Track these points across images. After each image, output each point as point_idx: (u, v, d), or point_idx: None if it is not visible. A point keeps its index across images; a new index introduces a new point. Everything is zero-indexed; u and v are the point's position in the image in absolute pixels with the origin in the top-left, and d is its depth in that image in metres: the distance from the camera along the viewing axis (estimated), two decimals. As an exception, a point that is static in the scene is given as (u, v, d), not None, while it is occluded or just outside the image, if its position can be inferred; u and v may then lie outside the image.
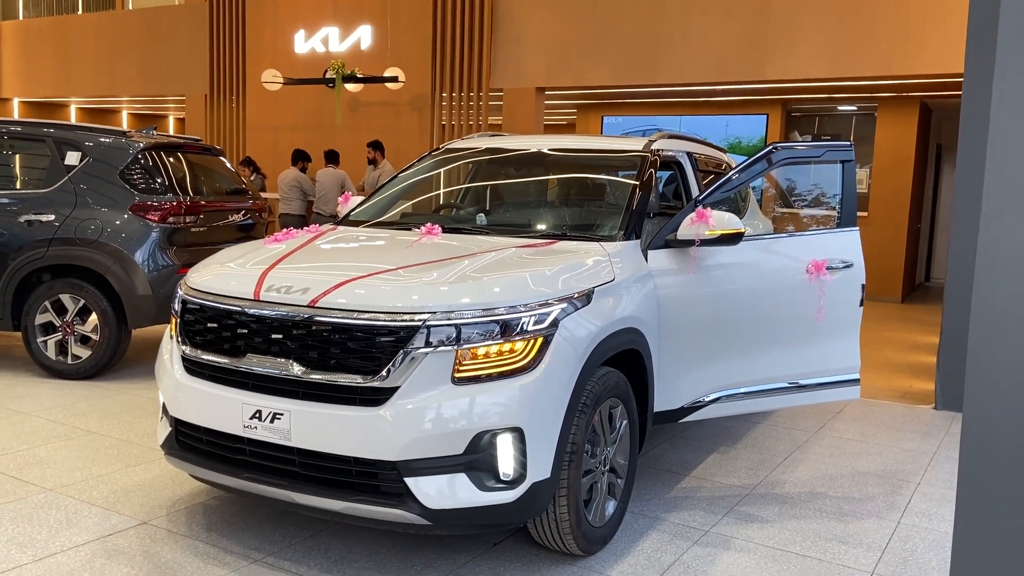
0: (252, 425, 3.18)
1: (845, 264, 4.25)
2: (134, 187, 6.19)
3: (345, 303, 3.13)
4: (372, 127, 12.92)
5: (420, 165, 4.98)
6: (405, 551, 3.52)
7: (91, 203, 6.15)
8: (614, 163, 4.72)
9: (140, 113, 21.56)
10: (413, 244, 3.82)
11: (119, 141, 6.34)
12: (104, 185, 6.20)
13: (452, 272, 3.30)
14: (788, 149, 4.30)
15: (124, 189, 6.17)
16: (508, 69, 11.97)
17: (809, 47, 9.90)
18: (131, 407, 5.48)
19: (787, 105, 12.98)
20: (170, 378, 3.50)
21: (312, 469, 3.16)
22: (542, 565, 3.45)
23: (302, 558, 3.45)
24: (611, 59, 11.12)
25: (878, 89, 11.48)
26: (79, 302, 6.11)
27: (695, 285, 4.08)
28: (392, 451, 3.00)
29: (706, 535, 3.81)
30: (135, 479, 4.25)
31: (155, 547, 3.50)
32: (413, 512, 3.02)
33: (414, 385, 3.01)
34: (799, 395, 4.32)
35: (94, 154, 6.27)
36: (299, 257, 3.67)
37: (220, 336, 3.36)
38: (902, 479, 4.68)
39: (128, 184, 6.19)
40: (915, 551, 3.75)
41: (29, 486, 4.10)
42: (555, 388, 3.15)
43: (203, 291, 3.46)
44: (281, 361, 3.18)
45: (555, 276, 3.36)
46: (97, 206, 6.14)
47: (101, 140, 6.34)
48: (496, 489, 3.06)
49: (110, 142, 6.33)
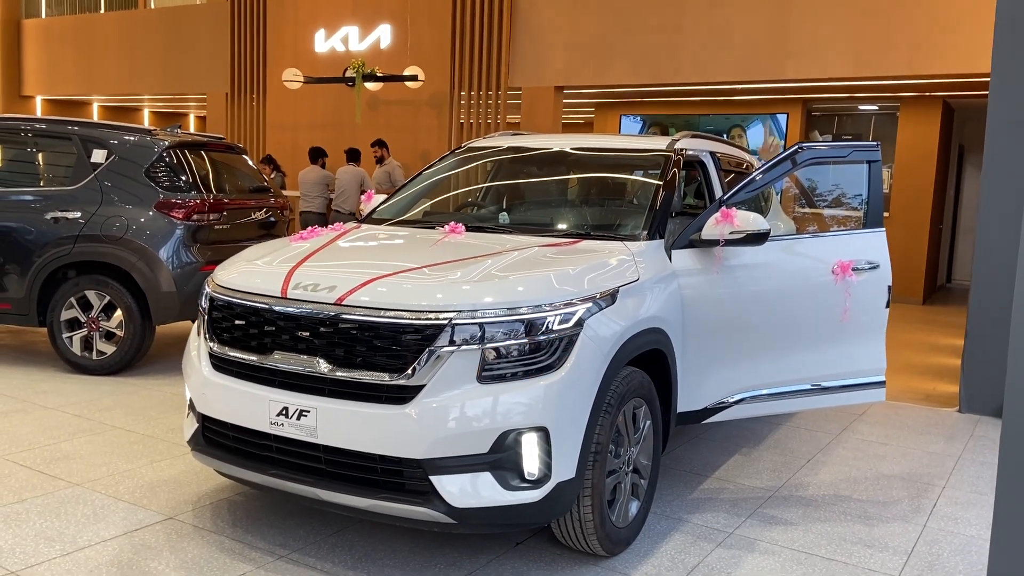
0: (279, 422, 3.20)
1: (871, 265, 4.22)
2: (159, 185, 6.24)
3: (371, 301, 3.14)
4: (391, 126, 12.97)
5: (442, 164, 4.99)
6: (428, 549, 3.53)
7: (117, 200, 6.20)
8: (637, 162, 4.71)
9: (161, 111, 21.73)
10: (437, 243, 3.83)
11: (144, 139, 6.39)
12: (130, 183, 6.25)
13: (477, 271, 3.31)
14: (814, 149, 4.27)
15: (149, 187, 6.22)
16: (527, 68, 11.97)
17: (832, 46, 9.84)
18: (156, 403, 5.53)
19: (808, 104, 12.90)
20: (197, 375, 3.52)
21: (337, 466, 3.17)
22: (565, 565, 3.45)
23: (326, 555, 3.47)
24: (630, 58, 11.09)
25: (900, 89, 11.39)
26: (104, 298, 6.16)
27: (719, 285, 4.06)
28: (418, 449, 3.01)
29: (729, 537, 3.80)
30: (161, 475, 4.28)
31: (181, 542, 3.53)
32: (438, 510, 3.02)
33: (440, 384, 3.02)
34: (824, 397, 4.29)
35: (120, 152, 6.32)
36: (325, 255, 3.69)
37: (247, 333, 3.38)
38: (927, 482, 4.64)
39: (153, 182, 6.24)
40: (941, 555, 3.72)
41: (56, 481, 4.15)
42: (580, 388, 3.15)
43: (231, 288, 3.48)
44: (307, 358, 3.20)
45: (580, 275, 3.36)
46: (123, 203, 6.19)
47: (127, 138, 6.39)
48: (521, 488, 3.06)
49: (136, 140, 6.38)
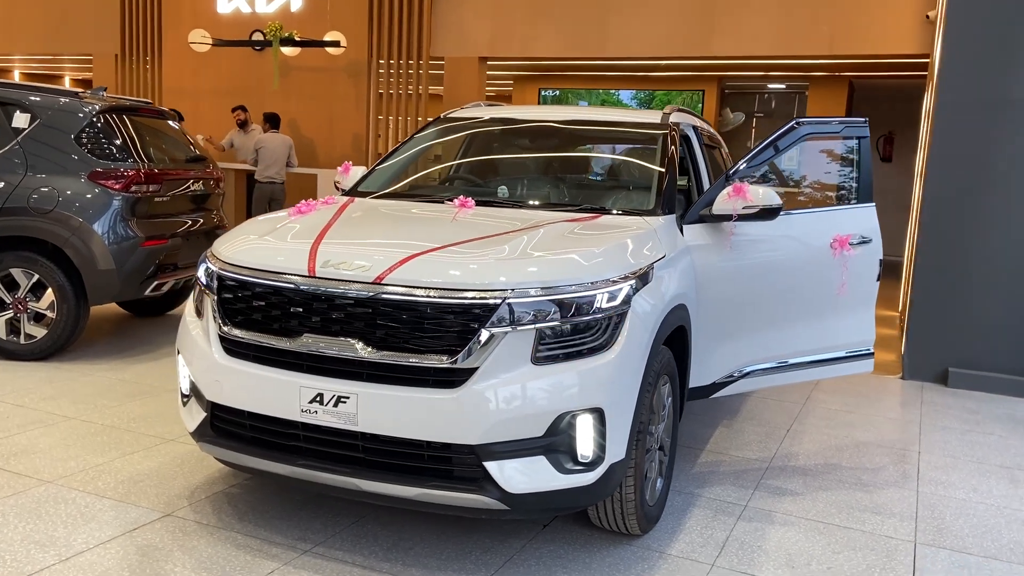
0: (312, 409, 2.98)
1: (864, 239, 4.31)
2: (92, 153, 5.74)
3: (414, 280, 2.96)
4: (304, 93, 12.43)
5: (423, 134, 4.78)
6: (457, 536, 3.40)
7: (44, 170, 5.68)
8: (635, 137, 4.65)
9: (34, 73, 20.15)
10: (455, 217, 3.65)
11: (73, 103, 5.86)
12: (57, 150, 5.72)
13: (519, 247, 3.17)
14: (811, 124, 4.32)
15: (81, 155, 5.72)
16: (450, 37, 11.68)
17: (757, 25, 10.03)
18: (102, 390, 5.11)
19: (722, 82, 13.19)
20: (206, 360, 3.23)
21: (378, 454, 2.99)
22: (600, 546, 3.39)
23: (353, 547, 3.28)
24: (558, 29, 10.98)
25: (814, 68, 11.78)
26: (32, 277, 5.63)
27: (728, 259, 4.06)
28: (472, 435, 2.86)
29: (745, 510, 3.83)
30: (138, 467, 3.96)
31: (190, 541, 3.26)
32: (492, 497, 2.89)
33: (494, 365, 2.88)
34: (821, 369, 4.38)
35: (45, 116, 5.78)
36: (342, 231, 3.46)
37: (269, 315, 3.13)
38: (902, 448, 4.83)
39: (85, 149, 5.74)
40: (944, 519, 3.87)
41: (23, 478, 3.76)
42: (631, 366, 3.08)
43: (245, 267, 3.20)
44: (343, 341, 2.98)
45: (620, 252, 3.27)
46: (51, 173, 5.67)
47: (52, 101, 5.85)
48: (574, 472, 2.96)
49: (64, 103, 5.84)
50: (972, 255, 6.17)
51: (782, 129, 4.24)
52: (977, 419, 5.48)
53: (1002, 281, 6.12)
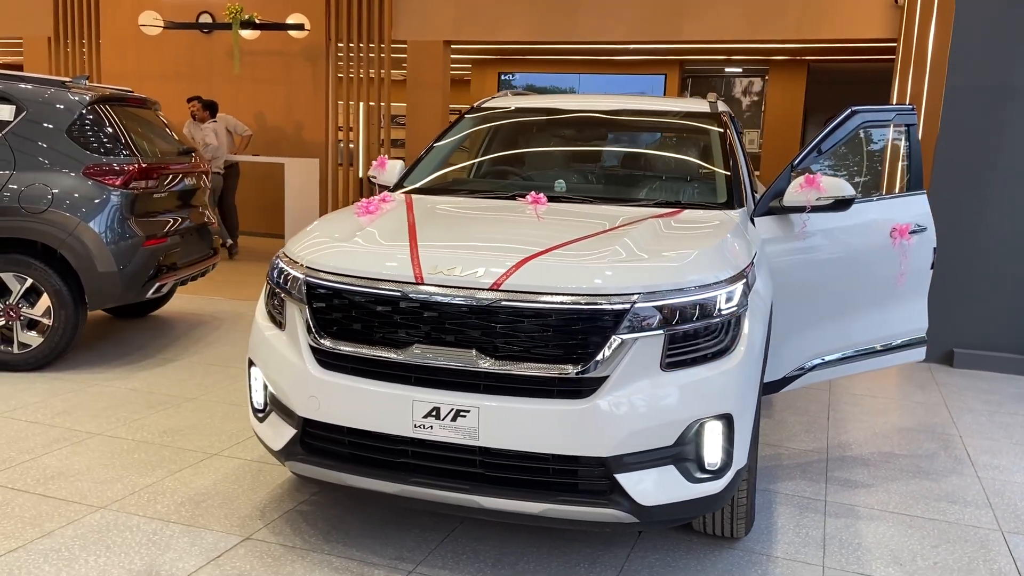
0: (426, 424, 2.80)
1: (919, 228, 4.32)
2: (86, 147, 5.35)
3: (536, 285, 2.80)
4: (260, 78, 11.98)
5: (460, 126, 4.58)
6: (557, 547, 3.27)
7: (34, 166, 5.27)
8: (689, 127, 4.55)
9: (-52, 57, 18.89)
10: (540, 216, 3.49)
11: (61, 93, 5.45)
12: (48, 145, 5.32)
13: (630, 248, 3.04)
14: (866, 112, 4.29)
15: (74, 149, 5.32)
16: (412, 19, 11.37)
17: (725, 9, 10.04)
18: (118, 402, 4.78)
19: (683, 66, 13.22)
20: (299, 374, 3.00)
21: (497, 469, 2.83)
22: (705, 551, 3.31)
23: (456, 565, 3.12)
24: (526, 13, 10.81)
25: (775, 52, 11.91)
26: (26, 282, 5.24)
27: (797, 251, 4.01)
28: (604, 446, 2.73)
29: (828, 505, 3.80)
30: (192, 487, 3.70)
31: (283, 567, 3.05)
32: (623, 510, 2.77)
33: (626, 374, 2.75)
34: (879, 358, 4.37)
35: (32, 108, 5.36)
36: (430, 232, 3.26)
37: (371, 325, 2.92)
38: (942, 432, 4.89)
39: (78, 143, 5.34)
40: (1016, 505, 3.91)
41: (72, 504, 3.47)
42: (753, 369, 2.99)
43: (341, 274, 2.98)
44: (460, 352, 2.81)
45: (726, 250, 3.17)
46: (42, 169, 5.27)
47: (39, 91, 5.43)
48: (703, 480, 2.86)
49: (51, 94, 5.43)
50: (976, 236, 6.29)
51: (839, 118, 4.20)
52: (997, 400, 5.60)
53: (1006, 262, 6.27)
